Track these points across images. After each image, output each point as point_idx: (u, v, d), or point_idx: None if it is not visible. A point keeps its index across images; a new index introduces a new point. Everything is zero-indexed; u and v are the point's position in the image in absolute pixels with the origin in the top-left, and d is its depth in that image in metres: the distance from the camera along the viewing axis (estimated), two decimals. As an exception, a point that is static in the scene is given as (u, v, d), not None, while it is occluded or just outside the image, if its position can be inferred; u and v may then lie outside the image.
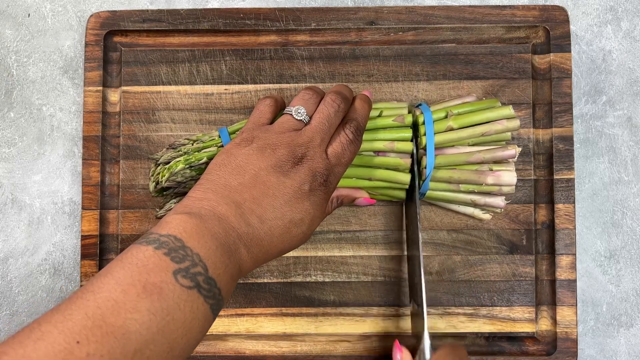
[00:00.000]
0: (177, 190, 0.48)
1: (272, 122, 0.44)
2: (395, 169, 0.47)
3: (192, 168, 0.46)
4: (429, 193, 0.48)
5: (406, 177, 0.47)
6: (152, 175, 0.48)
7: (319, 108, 0.43)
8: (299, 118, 0.42)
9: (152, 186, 0.48)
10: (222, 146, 0.47)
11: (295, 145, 0.40)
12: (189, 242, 0.34)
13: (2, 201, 0.53)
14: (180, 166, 0.46)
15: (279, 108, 0.46)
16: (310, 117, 0.42)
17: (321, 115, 0.42)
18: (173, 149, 0.48)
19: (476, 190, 0.48)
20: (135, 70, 0.53)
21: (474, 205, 0.49)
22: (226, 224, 0.37)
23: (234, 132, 0.48)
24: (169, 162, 0.47)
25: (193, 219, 0.36)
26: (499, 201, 0.48)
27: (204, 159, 0.46)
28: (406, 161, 0.47)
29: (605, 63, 0.53)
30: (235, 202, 0.38)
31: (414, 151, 0.48)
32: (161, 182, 0.47)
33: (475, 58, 0.52)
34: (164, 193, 0.48)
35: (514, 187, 0.47)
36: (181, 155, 0.47)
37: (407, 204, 0.50)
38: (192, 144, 0.48)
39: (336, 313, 0.51)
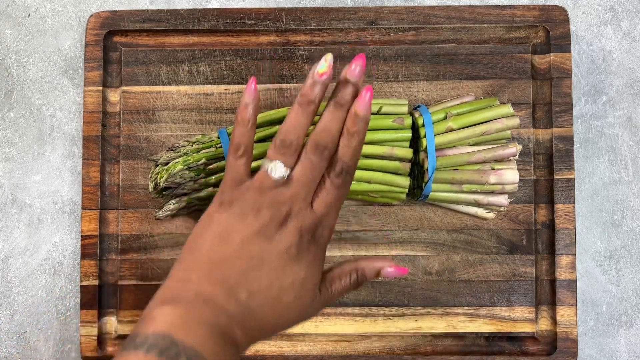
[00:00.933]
0: (176, 191, 0.48)
1: (251, 174, 0.39)
2: (395, 172, 0.47)
3: (191, 169, 0.46)
4: (431, 195, 0.48)
5: (405, 181, 0.47)
6: (151, 176, 0.48)
7: (301, 159, 0.37)
8: (276, 177, 0.37)
9: (151, 187, 0.48)
10: (220, 147, 0.47)
11: (279, 204, 0.37)
12: (179, 335, 0.32)
13: (2, 201, 0.53)
14: (179, 167, 0.46)
15: (252, 152, 0.40)
16: (292, 169, 0.37)
17: (303, 166, 0.37)
18: (172, 150, 0.48)
19: (479, 190, 0.48)
20: (135, 70, 0.53)
21: (477, 204, 0.49)
22: (214, 305, 0.34)
23: None
24: (168, 163, 0.47)
25: (178, 309, 0.34)
26: (502, 200, 0.48)
27: (202, 160, 0.46)
28: (405, 165, 0.47)
29: (605, 63, 0.53)
30: (220, 279, 0.35)
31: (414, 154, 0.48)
32: (160, 183, 0.47)
33: (475, 58, 0.52)
34: (163, 193, 0.48)
35: (516, 185, 0.47)
36: (180, 157, 0.47)
37: None
38: (191, 145, 0.48)
39: (336, 313, 0.51)
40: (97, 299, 0.51)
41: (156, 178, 0.47)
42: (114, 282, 0.52)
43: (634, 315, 0.52)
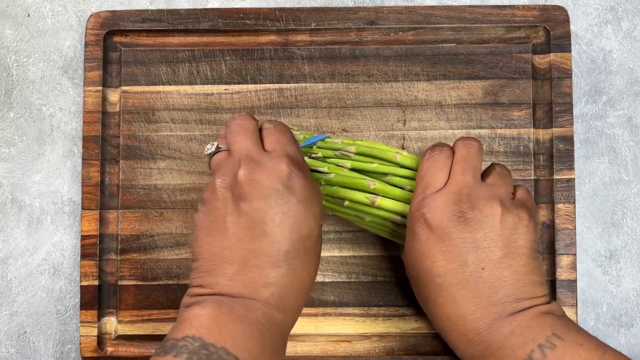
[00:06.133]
0: None
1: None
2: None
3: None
4: None
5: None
6: None
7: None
8: (208, 152, 0.38)
9: None
10: (317, 157, 0.46)
11: (229, 170, 0.36)
12: (210, 337, 0.31)
13: (2, 201, 0.53)
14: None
15: None
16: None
17: (229, 126, 0.39)
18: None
19: None
20: (135, 70, 0.53)
21: None
22: (240, 298, 0.33)
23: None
24: None
25: (206, 309, 0.32)
26: None
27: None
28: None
29: (606, 63, 0.53)
30: (235, 269, 0.34)
31: None
32: None
33: (476, 58, 0.52)
34: None
35: None
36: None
37: None
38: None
39: (336, 313, 0.51)
40: (97, 299, 0.51)
41: None
42: (114, 282, 0.52)
43: (634, 315, 0.52)
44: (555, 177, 0.50)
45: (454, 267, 0.37)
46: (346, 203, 0.44)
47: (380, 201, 0.43)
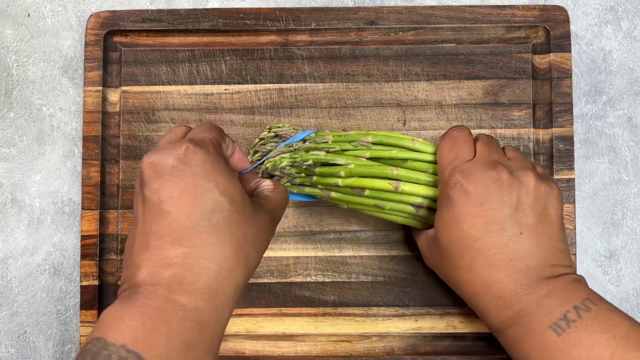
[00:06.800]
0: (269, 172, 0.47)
1: None
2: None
3: (294, 166, 0.46)
4: None
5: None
6: (253, 150, 0.48)
7: None
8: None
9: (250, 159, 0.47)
10: (331, 151, 0.46)
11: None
12: (111, 335, 0.29)
13: (2, 201, 0.53)
14: (285, 163, 0.45)
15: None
16: None
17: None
18: (280, 137, 0.47)
19: None
20: (135, 70, 0.53)
21: None
22: (144, 286, 0.32)
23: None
24: (273, 150, 0.47)
25: (113, 307, 0.31)
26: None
27: (309, 162, 0.45)
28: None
29: (606, 63, 0.53)
30: (142, 257, 0.33)
31: None
32: (265, 167, 0.46)
33: (476, 58, 0.52)
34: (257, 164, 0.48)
35: None
36: (288, 151, 0.46)
37: None
38: (303, 142, 0.47)
39: (336, 313, 0.51)
40: (97, 299, 0.51)
41: (260, 158, 0.47)
42: (114, 282, 0.52)
43: (635, 315, 0.52)
44: (555, 177, 0.50)
45: (492, 231, 0.38)
46: (367, 192, 0.44)
47: (404, 186, 0.44)
